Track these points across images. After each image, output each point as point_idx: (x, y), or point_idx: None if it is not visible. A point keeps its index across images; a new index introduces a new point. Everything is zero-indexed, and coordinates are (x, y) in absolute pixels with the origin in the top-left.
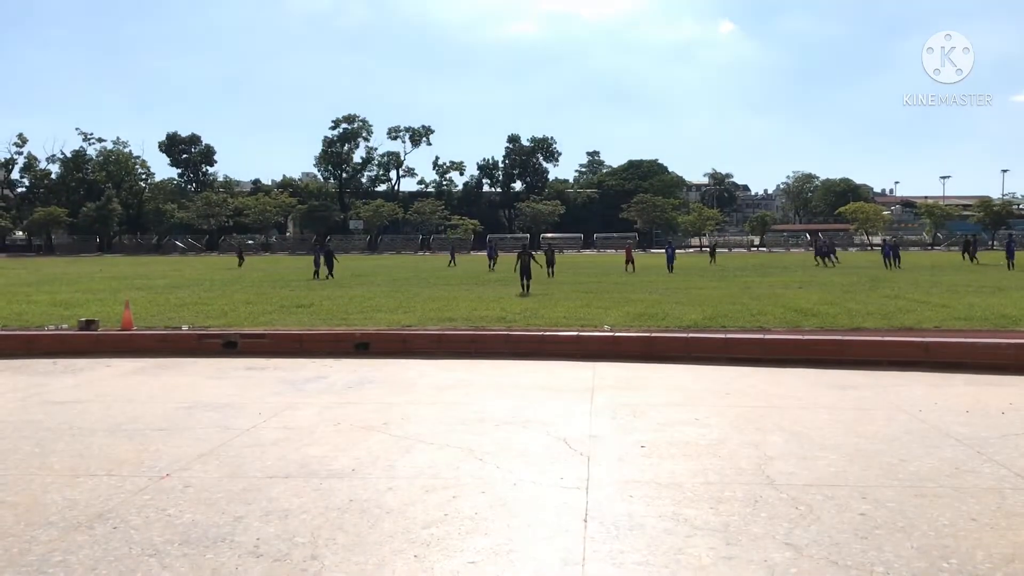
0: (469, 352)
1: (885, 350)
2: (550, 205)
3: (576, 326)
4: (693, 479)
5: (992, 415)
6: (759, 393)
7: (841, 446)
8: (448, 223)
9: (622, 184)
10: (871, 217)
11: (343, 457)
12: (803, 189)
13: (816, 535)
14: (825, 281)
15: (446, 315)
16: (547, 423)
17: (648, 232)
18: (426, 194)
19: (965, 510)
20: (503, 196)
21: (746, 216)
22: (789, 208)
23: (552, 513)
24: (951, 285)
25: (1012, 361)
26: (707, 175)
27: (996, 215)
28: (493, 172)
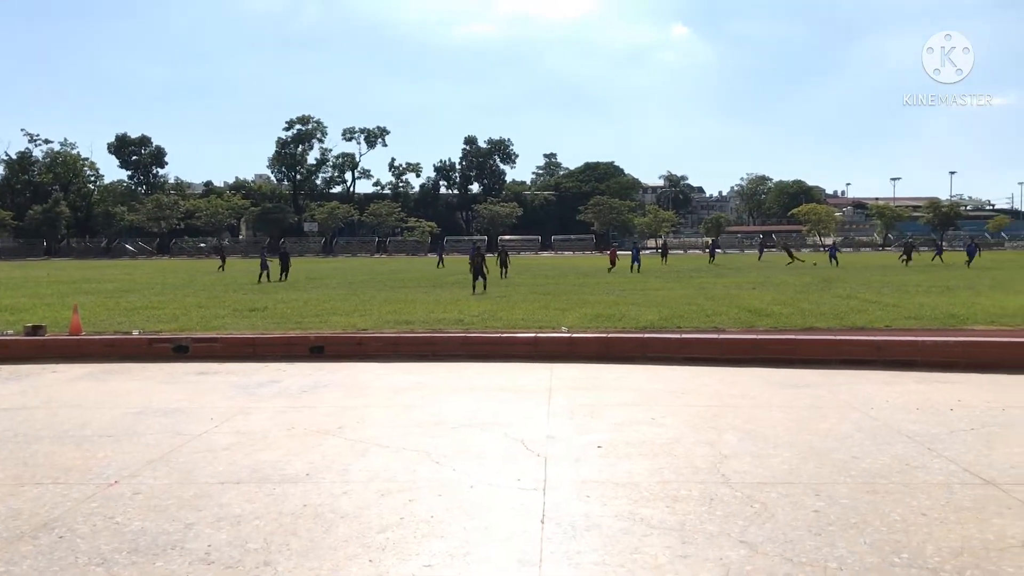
0: (426, 355)
1: (837, 349)
2: (507, 207)
3: (534, 328)
4: (649, 478)
5: (941, 412)
6: (714, 392)
7: (795, 444)
8: (405, 225)
9: (579, 186)
10: (823, 218)
11: (297, 462)
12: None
13: (771, 532)
14: (779, 282)
15: (403, 318)
16: (504, 425)
17: (605, 234)
18: (382, 196)
19: (916, 505)
20: (460, 198)
21: (701, 218)
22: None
23: (509, 515)
24: (901, 285)
25: (960, 359)
26: (662, 177)
27: (944, 216)
28: (450, 174)
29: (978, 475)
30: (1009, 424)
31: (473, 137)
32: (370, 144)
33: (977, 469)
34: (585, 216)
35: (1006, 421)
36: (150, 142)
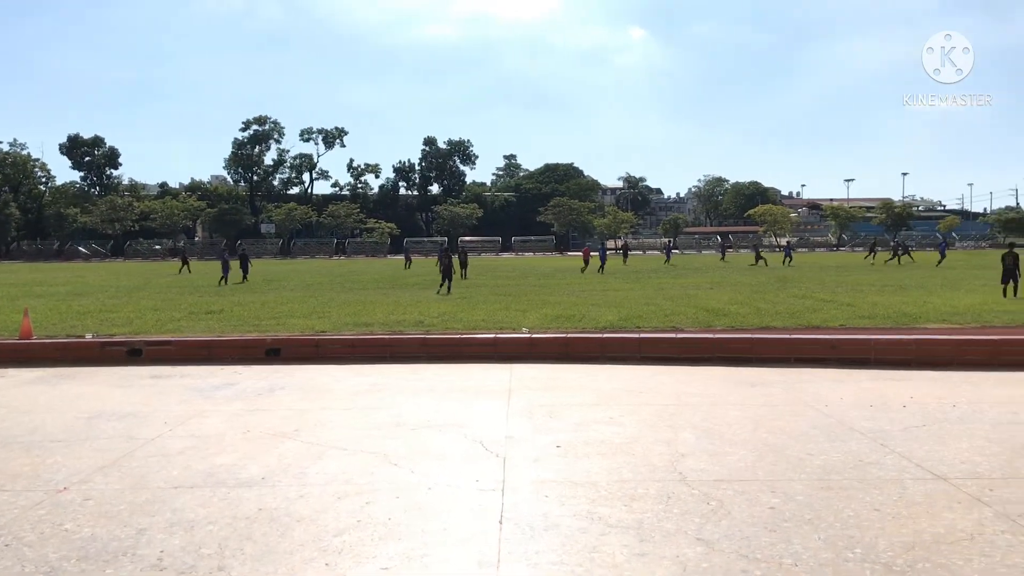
0: (384, 357)
1: (793, 348)
2: (468, 208)
3: (495, 329)
4: (608, 477)
5: (894, 409)
6: (672, 391)
7: (751, 442)
8: (364, 226)
9: (539, 187)
10: (779, 219)
11: (253, 465)
12: (714, 192)
13: (727, 530)
14: (735, 282)
15: (362, 320)
16: (463, 426)
17: (565, 235)
18: (340, 197)
19: (869, 501)
20: (420, 199)
21: (659, 219)
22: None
23: (467, 516)
24: (855, 284)
25: (913, 356)
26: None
27: (897, 216)
28: (409, 175)
29: (930, 470)
30: (960, 420)
31: (432, 138)
32: (328, 145)
33: (929, 465)
34: (545, 217)
35: (957, 417)
36: (103, 143)
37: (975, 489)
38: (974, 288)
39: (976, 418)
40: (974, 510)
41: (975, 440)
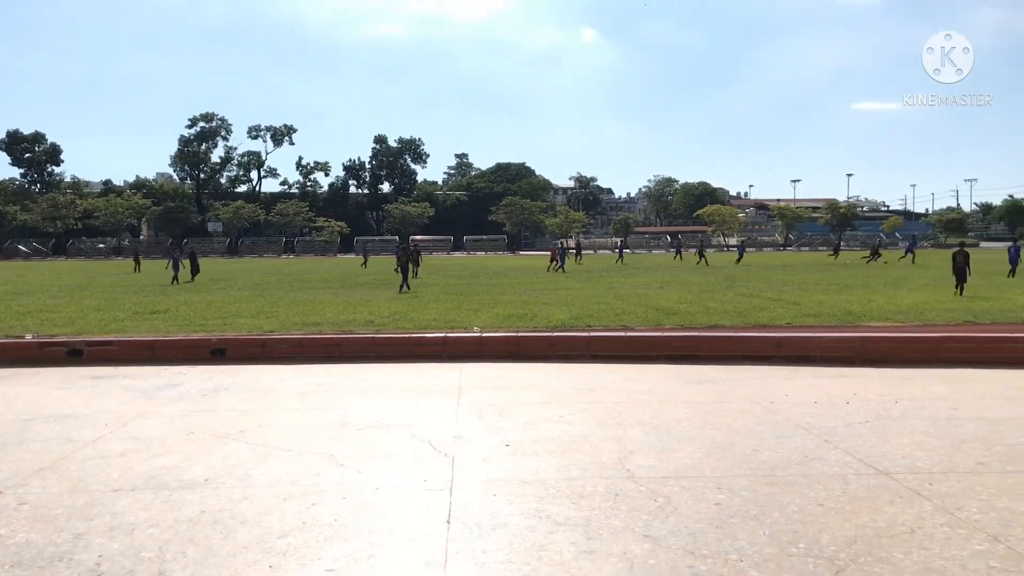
0: (333, 356)
1: (740, 345)
2: (419, 207)
3: (445, 328)
4: (556, 475)
5: (838, 405)
6: (621, 389)
7: (698, 438)
8: (313, 225)
9: (491, 187)
10: (727, 219)
11: (196, 467)
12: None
13: (674, 526)
14: (685, 281)
15: (311, 319)
16: (412, 425)
17: (517, 234)
18: (289, 195)
19: (813, 496)
20: (370, 197)
21: (610, 219)
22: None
23: (415, 516)
24: (801, 284)
25: (856, 354)
26: (573, 178)
27: (843, 217)
28: (360, 173)
29: (872, 466)
30: (901, 416)
31: (383, 136)
32: (277, 142)
33: (871, 460)
34: (497, 216)
35: (899, 413)
36: (44, 139)
37: (915, 483)
38: (916, 287)
39: (917, 414)
40: (914, 504)
41: (916, 435)
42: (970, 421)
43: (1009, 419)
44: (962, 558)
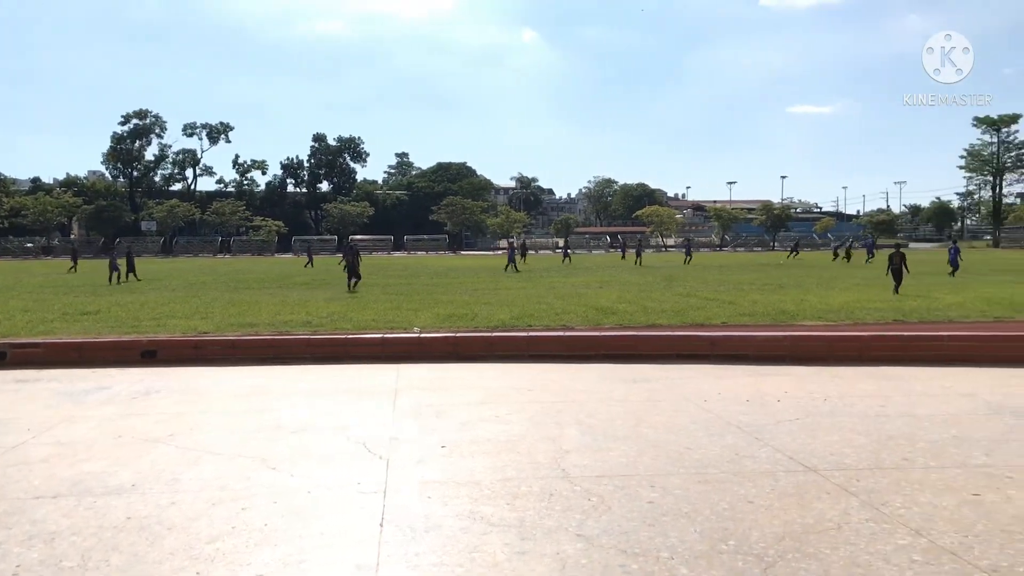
0: (268, 358)
1: (675, 344)
2: (359, 206)
3: (385, 329)
4: (491, 476)
5: (769, 403)
6: (559, 389)
7: (633, 437)
8: (250, 224)
9: (432, 186)
10: (665, 220)
11: (123, 472)
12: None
13: (607, 525)
14: (624, 281)
15: (247, 320)
16: (347, 427)
17: (458, 234)
18: (226, 194)
19: (743, 493)
20: (309, 196)
21: (551, 219)
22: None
23: (348, 519)
24: (737, 283)
25: (788, 353)
26: (514, 179)
27: (777, 218)
28: (298, 172)
29: (801, 462)
30: (830, 413)
31: (322, 135)
32: (213, 140)
33: (801, 457)
34: (438, 216)
35: (828, 410)
36: None
37: (843, 480)
38: (847, 287)
39: (845, 411)
40: (841, 500)
41: (844, 432)
42: (897, 418)
43: (933, 416)
44: (886, 552)
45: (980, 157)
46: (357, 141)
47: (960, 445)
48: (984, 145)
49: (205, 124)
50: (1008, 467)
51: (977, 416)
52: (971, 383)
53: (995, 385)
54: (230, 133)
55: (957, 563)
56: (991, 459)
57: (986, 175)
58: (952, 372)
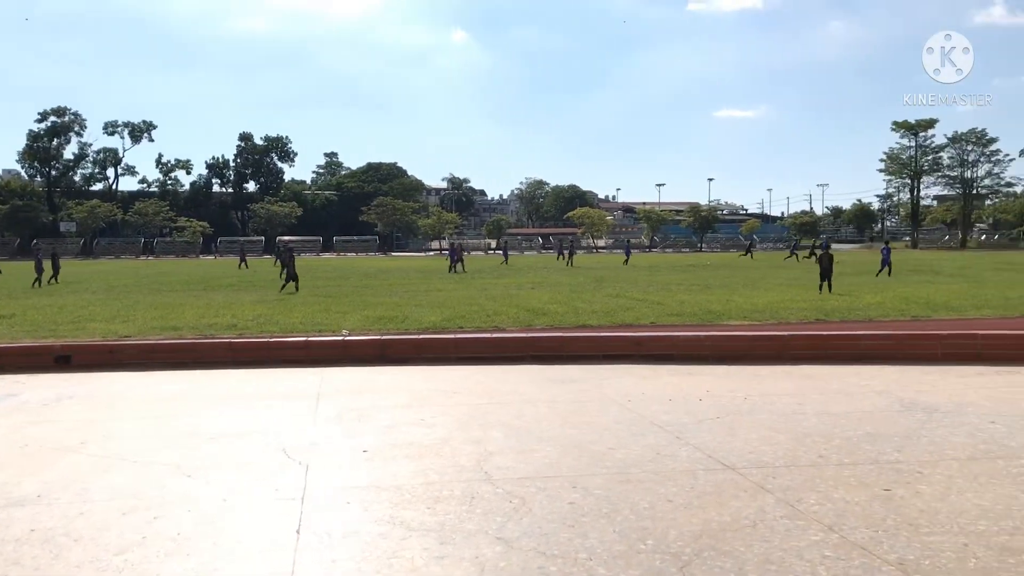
0: (187, 362)
1: (602, 345)
2: (286, 207)
3: (313, 332)
4: (413, 480)
5: (691, 402)
6: (485, 390)
7: (557, 438)
8: (174, 225)
9: (362, 186)
10: (596, 222)
11: (29, 482)
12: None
13: (527, 527)
14: (555, 282)
15: (170, 323)
16: (266, 433)
17: (389, 235)
18: (149, 194)
19: (663, 492)
20: (235, 197)
21: (483, 220)
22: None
23: (263, 527)
24: (665, 284)
25: (711, 352)
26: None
27: (704, 219)
28: (224, 171)
29: (720, 461)
30: (750, 411)
31: (249, 134)
32: (135, 139)
33: (720, 455)
34: (368, 217)
35: (747, 409)
36: None
37: (759, 477)
38: (772, 287)
39: (764, 409)
40: (758, 497)
41: (762, 431)
42: (813, 416)
43: (848, 413)
44: (799, 548)
45: (899, 161)
46: (285, 140)
47: (873, 442)
48: (903, 149)
49: (127, 123)
50: (918, 462)
51: (890, 413)
52: (885, 381)
53: (908, 382)
54: (153, 132)
55: (867, 557)
56: (902, 455)
57: (904, 178)
58: (868, 370)
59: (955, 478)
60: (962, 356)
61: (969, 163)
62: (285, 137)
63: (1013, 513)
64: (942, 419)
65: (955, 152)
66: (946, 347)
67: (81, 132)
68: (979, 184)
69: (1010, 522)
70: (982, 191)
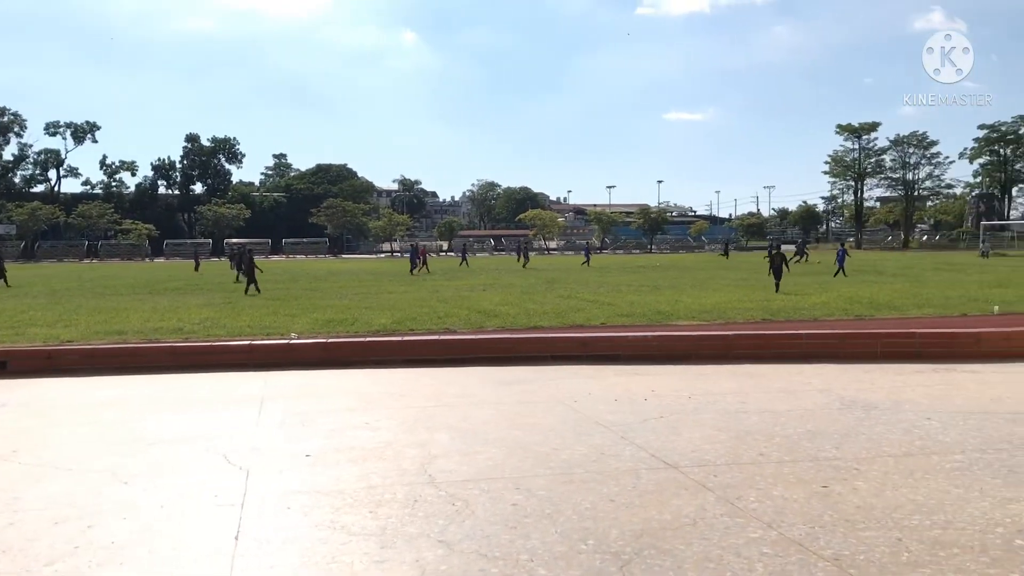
0: (129, 367)
1: (550, 346)
2: (234, 209)
3: (261, 335)
4: (356, 484)
5: (637, 402)
6: (432, 393)
7: (502, 440)
8: (119, 228)
9: (311, 188)
10: (548, 224)
11: None
12: (487, 196)
13: (469, 530)
14: (507, 284)
15: (114, 328)
16: (208, 438)
17: (339, 237)
18: (93, 196)
19: (605, 492)
20: (182, 199)
21: (435, 222)
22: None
23: (201, 533)
24: (616, 285)
25: (656, 352)
26: (396, 181)
27: (654, 221)
28: (170, 173)
29: (663, 460)
30: (694, 410)
31: (196, 135)
32: (78, 140)
33: (663, 454)
34: (318, 219)
35: (692, 408)
36: None
37: (701, 476)
38: (719, 287)
39: (708, 408)
40: (698, 496)
41: (705, 429)
42: (755, 414)
43: (789, 411)
44: (738, 546)
45: (843, 163)
46: (232, 142)
47: (813, 439)
48: (846, 151)
49: (70, 123)
50: (856, 459)
51: (830, 411)
52: (827, 379)
53: (848, 380)
54: (97, 133)
55: (803, 554)
56: (840, 452)
57: (848, 180)
58: (810, 368)
59: (891, 474)
60: (901, 354)
61: (911, 165)
62: (233, 138)
63: (945, 507)
64: (880, 416)
65: (897, 155)
66: (886, 346)
67: (21, 133)
68: (920, 186)
69: (942, 516)
70: (923, 193)
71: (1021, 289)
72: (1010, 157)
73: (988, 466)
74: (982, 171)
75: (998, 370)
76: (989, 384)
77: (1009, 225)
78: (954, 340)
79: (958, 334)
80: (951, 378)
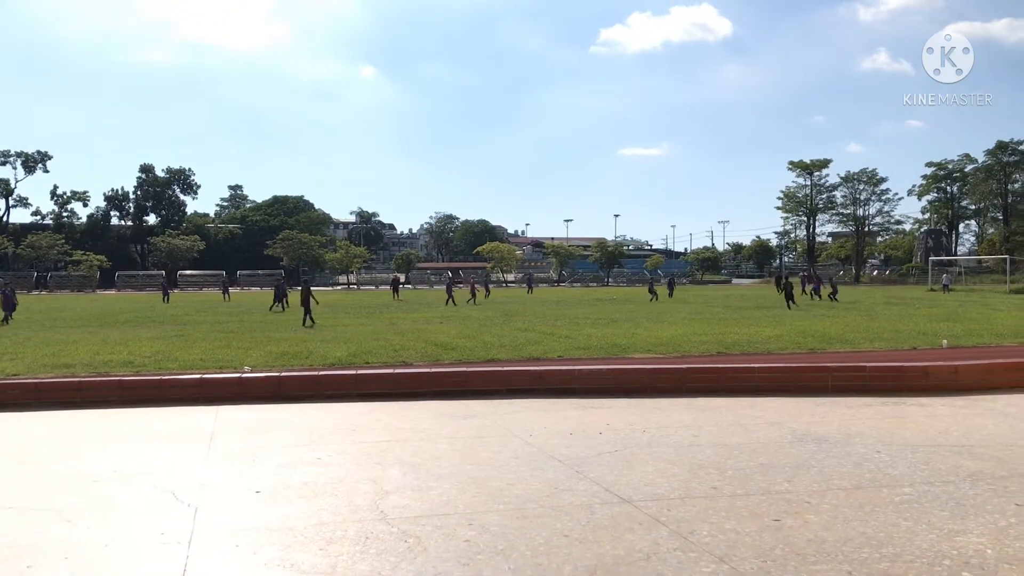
0: (75, 402)
1: (505, 379)
2: (188, 240)
3: (212, 368)
4: (306, 521)
5: (591, 435)
6: (385, 427)
7: (455, 475)
8: (69, 259)
9: (267, 220)
10: (506, 256)
11: None
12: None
13: (421, 567)
14: (464, 316)
15: (62, 361)
16: (155, 474)
17: (295, 269)
18: (43, 227)
19: (559, 527)
20: (135, 230)
21: (392, 254)
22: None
23: (146, 573)
24: (573, 318)
25: (612, 385)
26: (354, 213)
27: (610, 255)
28: (123, 204)
29: (617, 494)
30: (648, 444)
31: (150, 165)
32: (28, 170)
33: (617, 488)
34: (274, 251)
35: (646, 441)
36: None
37: (655, 510)
38: (675, 320)
39: (662, 441)
40: (652, 530)
41: (659, 463)
42: (709, 447)
43: (742, 444)
44: None
45: (795, 199)
46: (187, 173)
47: (766, 472)
48: (799, 187)
49: (20, 152)
50: (807, 492)
51: (783, 444)
52: (779, 412)
53: (800, 413)
54: (48, 162)
55: None
56: (792, 485)
57: (801, 215)
58: (763, 402)
59: (841, 507)
60: (852, 388)
61: (861, 201)
62: (188, 169)
63: (894, 540)
64: (831, 449)
65: (848, 191)
66: (837, 379)
67: None
68: (871, 222)
69: (891, 549)
70: (873, 228)
71: (969, 323)
72: (956, 194)
73: (936, 499)
74: (930, 207)
75: (946, 403)
76: (937, 417)
77: (956, 260)
78: (903, 374)
79: (907, 368)
80: (900, 411)
